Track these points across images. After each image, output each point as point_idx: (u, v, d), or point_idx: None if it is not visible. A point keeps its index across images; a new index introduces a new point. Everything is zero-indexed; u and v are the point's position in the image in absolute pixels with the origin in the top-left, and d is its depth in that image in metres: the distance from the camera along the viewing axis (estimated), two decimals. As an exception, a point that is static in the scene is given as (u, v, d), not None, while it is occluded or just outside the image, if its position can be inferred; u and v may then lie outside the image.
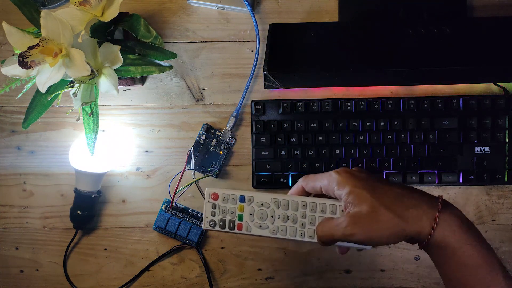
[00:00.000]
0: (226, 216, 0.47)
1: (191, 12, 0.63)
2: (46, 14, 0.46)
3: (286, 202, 0.46)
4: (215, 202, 0.47)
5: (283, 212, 0.46)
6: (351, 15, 0.61)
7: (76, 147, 0.59)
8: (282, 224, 0.46)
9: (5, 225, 0.63)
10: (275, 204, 0.46)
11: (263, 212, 0.46)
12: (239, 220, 0.47)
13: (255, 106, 0.60)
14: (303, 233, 0.46)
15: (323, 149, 0.60)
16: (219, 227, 0.47)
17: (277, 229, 0.46)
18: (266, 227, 0.46)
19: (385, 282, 0.62)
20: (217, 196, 0.47)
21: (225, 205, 0.47)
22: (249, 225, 0.47)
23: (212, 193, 0.47)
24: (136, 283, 0.63)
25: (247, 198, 0.47)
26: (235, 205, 0.47)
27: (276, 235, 0.46)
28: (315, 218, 0.46)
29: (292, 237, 0.46)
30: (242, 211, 0.47)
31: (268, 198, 0.47)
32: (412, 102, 0.59)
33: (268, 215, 0.46)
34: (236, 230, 0.47)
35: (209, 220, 0.47)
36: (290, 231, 0.46)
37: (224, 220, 0.47)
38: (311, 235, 0.46)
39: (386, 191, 0.41)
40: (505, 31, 0.58)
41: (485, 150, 0.59)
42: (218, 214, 0.47)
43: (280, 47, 0.59)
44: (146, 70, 0.53)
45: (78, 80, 0.50)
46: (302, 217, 0.46)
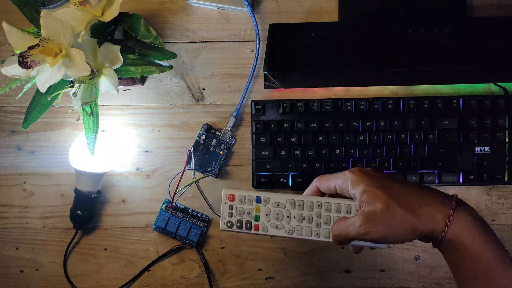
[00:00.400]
0: (243, 217, 0.48)
1: (191, 12, 0.63)
2: (46, 14, 0.46)
3: (302, 202, 0.47)
4: (232, 203, 0.48)
5: (299, 212, 0.47)
6: (351, 15, 0.61)
7: (76, 147, 0.59)
8: (298, 224, 0.47)
9: (5, 225, 0.63)
10: (290, 205, 0.47)
11: (279, 212, 0.47)
12: (255, 220, 0.48)
13: (255, 106, 0.60)
14: (319, 232, 0.46)
15: (323, 149, 0.60)
16: (236, 227, 0.48)
17: (293, 229, 0.47)
18: (282, 227, 0.47)
19: (385, 282, 0.62)
20: (234, 198, 0.48)
21: (242, 206, 0.48)
22: (266, 226, 0.47)
23: (229, 194, 0.48)
24: (136, 283, 0.63)
25: (263, 199, 0.48)
26: (251, 206, 0.48)
27: (292, 235, 0.47)
28: (330, 218, 0.46)
29: (308, 236, 0.46)
30: (258, 212, 0.47)
31: (284, 199, 0.47)
32: (412, 102, 0.59)
33: (284, 216, 0.47)
34: (253, 231, 0.48)
35: (227, 221, 0.48)
36: (306, 231, 0.46)
37: (241, 221, 0.48)
38: (326, 235, 0.46)
39: (400, 190, 0.42)
40: (505, 31, 0.58)
41: (485, 150, 0.59)
42: (235, 215, 0.48)
43: (280, 47, 0.59)
44: (146, 70, 0.53)
45: (78, 80, 0.50)
46: (317, 217, 0.46)
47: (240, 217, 0.48)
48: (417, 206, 0.40)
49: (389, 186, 0.42)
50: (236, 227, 0.48)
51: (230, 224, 0.48)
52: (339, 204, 0.46)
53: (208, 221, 0.62)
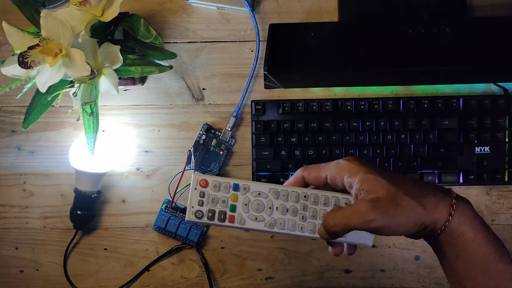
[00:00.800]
0: (216, 206, 0.42)
1: (191, 12, 0.63)
2: (46, 14, 0.46)
3: (286, 192, 0.42)
4: (203, 190, 0.42)
5: (282, 204, 0.42)
6: (351, 15, 0.61)
7: (76, 147, 0.59)
8: (281, 216, 0.42)
9: (5, 225, 0.63)
10: (273, 194, 0.42)
11: (260, 203, 0.42)
12: (231, 211, 0.42)
13: (255, 106, 0.60)
14: (303, 227, 0.42)
15: (323, 149, 0.60)
16: (207, 218, 0.42)
17: (274, 222, 0.42)
18: (262, 219, 0.42)
19: (385, 282, 0.62)
20: (207, 183, 0.42)
21: (216, 193, 0.42)
22: (243, 217, 0.42)
23: (201, 179, 0.42)
24: (136, 283, 0.63)
25: (242, 186, 0.42)
26: (227, 194, 0.42)
27: (273, 229, 0.42)
28: (317, 211, 0.42)
29: (291, 231, 0.42)
30: (235, 201, 0.42)
31: (266, 188, 0.42)
32: (412, 102, 0.59)
33: (265, 206, 0.42)
34: (226, 223, 0.42)
35: (195, 210, 0.42)
36: (289, 225, 0.42)
37: (214, 210, 0.42)
38: (312, 229, 0.42)
39: (402, 179, 0.40)
40: (505, 31, 0.58)
41: (485, 150, 0.59)
42: (206, 204, 0.42)
43: (280, 47, 0.59)
44: (146, 70, 0.53)
45: (78, 80, 0.50)
46: (303, 209, 0.42)
47: (212, 206, 0.42)
48: (421, 195, 0.39)
49: (389, 175, 0.40)
50: (207, 217, 0.42)
51: (199, 214, 0.42)
52: (327, 196, 0.42)
53: (208, 221, 0.62)
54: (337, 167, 0.41)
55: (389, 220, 0.38)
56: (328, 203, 0.42)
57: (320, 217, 0.42)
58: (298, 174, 0.44)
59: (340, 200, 0.42)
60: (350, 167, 0.40)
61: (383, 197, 0.38)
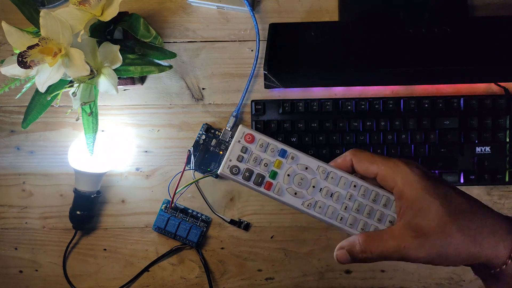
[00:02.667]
0: (256, 167, 0.38)
1: (191, 12, 0.63)
2: (46, 14, 0.46)
3: (336, 175, 0.38)
4: (248, 145, 0.39)
5: (328, 186, 0.38)
6: (352, 14, 0.61)
7: (76, 147, 0.59)
8: (322, 199, 0.38)
9: (4, 225, 0.63)
10: (322, 173, 0.38)
11: (304, 177, 0.38)
12: (271, 177, 0.38)
13: (255, 106, 0.60)
14: (344, 218, 0.38)
15: (324, 149, 0.59)
16: (242, 177, 0.38)
17: (314, 204, 0.38)
18: (302, 196, 0.38)
19: (385, 283, 0.62)
20: (253, 139, 0.38)
21: (259, 153, 0.38)
22: (282, 188, 0.38)
23: (247, 133, 0.38)
24: (136, 284, 0.63)
25: (289, 154, 0.38)
26: (272, 158, 0.38)
27: (309, 210, 0.38)
28: (363, 205, 0.38)
29: (329, 218, 0.38)
30: (278, 168, 0.38)
31: (315, 164, 0.38)
32: (413, 102, 0.59)
33: (309, 184, 0.38)
34: (262, 188, 0.38)
35: (232, 165, 0.39)
36: (329, 211, 0.38)
37: (252, 171, 0.38)
38: (351, 224, 0.38)
39: (461, 206, 0.34)
40: (507, 30, 0.58)
41: (486, 150, 0.59)
42: (246, 161, 0.38)
43: (280, 46, 0.59)
44: (146, 69, 0.53)
45: (77, 80, 0.49)
46: (348, 199, 0.38)
47: (252, 165, 0.38)
48: (478, 229, 0.33)
49: (449, 197, 0.34)
50: (243, 176, 0.38)
51: (235, 170, 0.39)
52: (378, 193, 0.38)
53: (208, 221, 0.62)
54: (392, 169, 0.36)
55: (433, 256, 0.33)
56: (377, 201, 0.38)
57: (365, 213, 0.38)
58: (347, 157, 0.39)
59: (391, 202, 0.38)
60: (407, 176, 0.35)
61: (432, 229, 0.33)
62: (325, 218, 0.38)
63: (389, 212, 0.38)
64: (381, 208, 0.38)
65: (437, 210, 0.33)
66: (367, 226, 0.38)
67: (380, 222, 0.38)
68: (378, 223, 0.38)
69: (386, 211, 0.38)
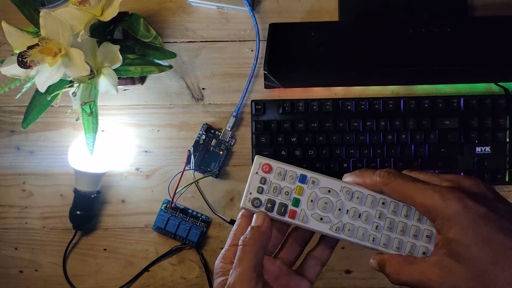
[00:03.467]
0: (277, 196, 0.37)
1: (191, 12, 0.63)
2: (46, 14, 0.46)
3: (361, 195, 0.37)
4: (266, 175, 0.37)
5: (354, 207, 0.37)
6: (352, 14, 0.61)
7: (76, 147, 0.59)
8: (350, 221, 0.37)
9: (4, 225, 0.63)
10: (346, 195, 0.37)
11: (329, 201, 0.37)
12: (293, 205, 0.37)
13: (255, 106, 0.60)
14: (376, 238, 0.36)
15: (324, 149, 0.59)
16: (265, 208, 0.37)
17: (342, 227, 0.37)
18: (329, 221, 0.37)
19: (385, 283, 0.62)
20: (271, 169, 0.37)
21: (279, 182, 0.37)
22: (306, 215, 0.37)
23: (264, 163, 0.38)
24: (136, 284, 0.63)
25: (310, 179, 0.37)
26: (292, 185, 0.37)
27: (339, 234, 0.37)
28: (395, 222, 0.36)
29: (361, 240, 0.37)
30: (300, 195, 0.37)
31: (338, 186, 0.37)
32: (413, 102, 0.59)
33: (334, 207, 0.37)
34: (287, 218, 0.37)
35: (253, 198, 0.38)
36: (359, 233, 0.36)
37: (274, 201, 0.37)
38: (385, 244, 0.36)
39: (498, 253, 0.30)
40: (506, 30, 0.58)
41: (486, 150, 0.59)
42: (267, 192, 0.37)
43: (280, 46, 0.59)
44: (146, 69, 0.53)
45: (77, 80, 0.49)
46: (378, 218, 0.36)
47: (273, 196, 0.37)
48: None
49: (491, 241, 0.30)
50: (265, 208, 0.37)
51: (257, 203, 0.37)
52: (410, 208, 0.36)
53: (208, 221, 0.62)
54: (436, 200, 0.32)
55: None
56: (410, 216, 0.36)
57: (398, 230, 0.36)
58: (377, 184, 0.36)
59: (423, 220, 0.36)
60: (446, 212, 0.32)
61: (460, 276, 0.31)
62: (356, 241, 0.37)
63: (424, 226, 0.36)
64: (415, 223, 0.36)
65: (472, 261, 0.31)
66: (403, 244, 0.37)
67: (416, 238, 0.36)
68: (414, 240, 0.37)
69: (421, 225, 0.36)
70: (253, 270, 0.34)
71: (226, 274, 0.36)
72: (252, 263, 0.34)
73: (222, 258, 0.38)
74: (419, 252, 0.36)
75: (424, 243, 0.36)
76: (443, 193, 0.32)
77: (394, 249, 0.37)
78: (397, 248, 0.37)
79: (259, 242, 0.35)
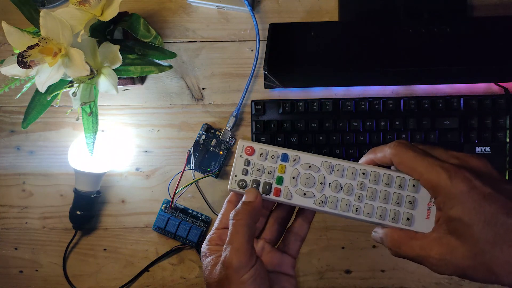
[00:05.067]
0: (261, 176, 0.39)
1: (191, 12, 0.63)
2: (46, 14, 0.46)
3: (341, 167, 0.38)
4: (249, 157, 0.39)
5: (336, 180, 0.37)
6: (352, 14, 0.61)
7: (76, 147, 0.59)
8: (333, 194, 0.37)
9: (4, 225, 0.63)
10: (326, 168, 0.38)
11: (310, 177, 0.38)
12: (277, 183, 0.38)
13: (255, 106, 0.60)
14: (359, 208, 0.37)
15: (324, 149, 0.59)
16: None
17: (325, 200, 0.37)
18: (312, 195, 0.38)
19: (385, 282, 0.62)
20: (253, 151, 0.39)
21: (262, 163, 0.39)
22: (290, 191, 0.38)
23: (247, 146, 0.39)
24: (136, 284, 0.63)
25: (291, 157, 0.39)
26: (274, 164, 0.39)
27: (323, 208, 0.38)
28: (377, 191, 0.37)
29: (344, 212, 0.37)
30: (282, 173, 0.39)
31: (319, 161, 0.38)
32: (413, 102, 0.59)
33: (316, 181, 0.38)
34: (271, 196, 0.39)
35: (239, 180, 0.39)
36: (342, 205, 0.37)
37: (258, 181, 0.39)
38: (369, 213, 0.37)
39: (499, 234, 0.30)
40: (506, 30, 0.58)
41: (486, 150, 0.59)
42: (251, 173, 0.39)
43: (280, 46, 0.59)
44: (146, 69, 0.53)
45: (77, 80, 0.49)
46: (360, 188, 0.37)
47: (257, 176, 0.39)
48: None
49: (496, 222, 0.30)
50: (251, 188, 0.39)
51: (242, 184, 0.39)
52: (390, 175, 0.37)
53: (208, 221, 0.62)
54: (442, 177, 0.32)
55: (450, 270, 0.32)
56: (391, 183, 0.37)
57: (380, 198, 0.37)
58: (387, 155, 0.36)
59: (407, 182, 0.36)
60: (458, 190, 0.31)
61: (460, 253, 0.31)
62: (340, 212, 0.37)
63: (406, 192, 0.37)
64: (397, 190, 0.37)
65: (473, 240, 0.31)
66: (386, 212, 0.37)
67: (399, 205, 0.37)
68: (397, 207, 0.37)
69: (403, 192, 0.37)
70: (248, 242, 0.35)
71: (213, 253, 0.37)
72: (247, 236, 0.35)
73: (208, 241, 0.38)
74: (403, 219, 0.37)
75: (407, 209, 0.37)
76: (450, 171, 0.32)
77: (378, 217, 0.37)
78: (381, 216, 0.37)
79: (251, 217, 0.36)
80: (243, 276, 0.33)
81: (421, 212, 0.36)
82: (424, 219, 0.36)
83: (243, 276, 0.33)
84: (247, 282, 0.33)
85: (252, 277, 0.34)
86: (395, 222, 0.37)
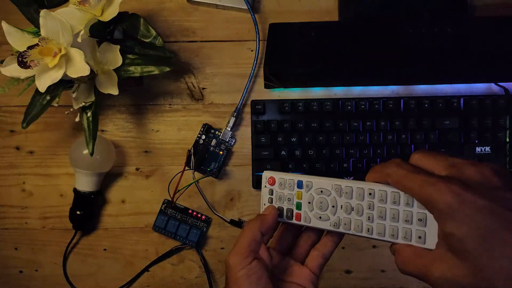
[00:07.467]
0: (283, 203, 0.42)
1: (191, 12, 0.63)
2: (46, 14, 0.46)
3: (350, 189, 0.39)
4: (272, 187, 0.42)
5: (346, 202, 0.39)
6: (351, 14, 0.61)
7: (76, 147, 0.59)
8: (346, 216, 0.39)
9: (4, 225, 0.63)
10: (336, 192, 0.39)
11: (323, 200, 0.40)
12: (297, 209, 0.41)
13: (255, 106, 0.60)
14: (371, 228, 0.38)
15: (324, 149, 0.59)
16: (277, 216, 0.42)
17: (339, 222, 0.39)
18: (327, 218, 0.40)
19: (385, 283, 0.62)
20: (274, 181, 0.42)
21: (282, 191, 0.42)
22: (308, 215, 0.41)
23: (269, 177, 0.42)
24: (136, 284, 0.63)
25: (305, 184, 0.41)
26: (292, 192, 0.41)
27: (339, 229, 0.39)
28: (386, 210, 0.37)
29: (358, 232, 0.39)
30: (300, 199, 0.41)
31: (329, 184, 0.40)
32: (413, 102, 0.59)
33: (328, 205, 0.40)
34: (294, 221, 0.41)
35: None
36: (355, 225, 0.39)
37: (282, 208, 0.42)
38: (380, 232, 0.38)
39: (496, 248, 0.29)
40: (507, 30, 0.58)
41: (486, 150, 0.59)
42: (275, 202, 0.42)
43: (280, 46, 0.59)
44: (146, 69, 0.53)
45: (77, 80, 0.49)
46: (368, 209, 0.38)
47: (281, 203, 0.42)
48: None
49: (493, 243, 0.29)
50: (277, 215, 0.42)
51: None
52: (397, 194, 0.37)
53: (208, 221, 0.62)
54: (432, 193, 0.32)
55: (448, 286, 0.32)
56: (398, 201, 0.37)
57: (390, 217, 0.38)
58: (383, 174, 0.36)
59: (413, 200, 0.36)
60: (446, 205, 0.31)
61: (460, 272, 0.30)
62: (354, 233, 0.39)
63: (415, 210, 0.36)
64: (405, 208, 0.37)
65: (473, 260, 0.30)
66: (397, 230, 0.37)
67: (409, 223, 0.37)
68: (407, 225, 0.37)
69: (412, 209, 0.37)
70: (247, 245, 0.38)
71: None
72: (248, 240, 0.38)
73: None
74: (415, 237, 0.37)
75: (418, 227, 0.36)
76: (438, 186, 0.31)
77: (390, 236, 0.38)
78: (392, 235, 0.38)
79: (258, 226, 0.39)
80: (237, 273, 0.37)
81: (434, 228, 0.35)
82: (437, 235, 0.35)
83: (237, 273, 0.37)
84: (241, 278, 0.37)
85: (246, 274, 0.37)
86: (407, 240, 0.37)
